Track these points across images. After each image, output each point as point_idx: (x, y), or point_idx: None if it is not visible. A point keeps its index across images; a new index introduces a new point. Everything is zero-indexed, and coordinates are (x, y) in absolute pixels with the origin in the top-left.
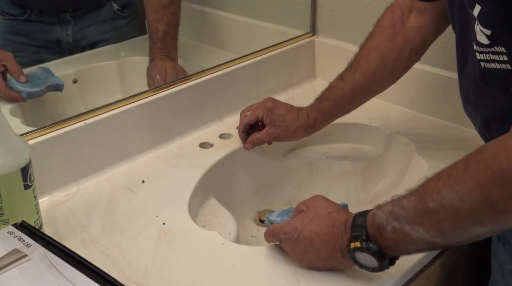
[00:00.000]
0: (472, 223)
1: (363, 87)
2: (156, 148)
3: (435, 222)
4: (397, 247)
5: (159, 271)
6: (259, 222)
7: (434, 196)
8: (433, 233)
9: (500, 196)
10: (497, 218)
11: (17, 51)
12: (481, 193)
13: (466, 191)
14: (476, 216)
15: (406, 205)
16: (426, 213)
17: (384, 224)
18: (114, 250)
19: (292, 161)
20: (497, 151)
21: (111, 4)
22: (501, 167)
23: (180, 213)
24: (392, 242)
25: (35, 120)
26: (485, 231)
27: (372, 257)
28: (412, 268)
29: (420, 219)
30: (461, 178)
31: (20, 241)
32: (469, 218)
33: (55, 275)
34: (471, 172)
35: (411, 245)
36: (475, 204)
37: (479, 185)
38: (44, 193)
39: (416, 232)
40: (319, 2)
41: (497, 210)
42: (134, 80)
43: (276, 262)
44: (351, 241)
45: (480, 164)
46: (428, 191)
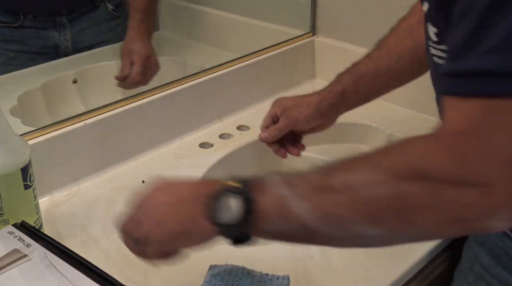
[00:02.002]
0: (367, 220)
1: (388, 67)
2: (156, 148)
3: (327, 202)
4: (266, 218)
5: (159, 271)
6: None
7: (341, 173)
8: (317, 215)
9: (411, 198)
10: (394, 224)
11: (11, 59)
12: (392, 187)
13: (377, 179)
14: (375, 213)
15: (308, 177)
16: (323, 189)
17: (271, 186)
18: (114, 250)
19: (292, 161)
20: (426, 149)
21: (106, 4)
22: (426, 168)
23: None
24: (266, 209)
25: (35, 120)
26: (373, 234)
27: (238, 204)
28: (412, 268)
29: (313, 194)
30: (379, 163)
31: (20, 241)
32: (368, 213)
33: (55, 275)
34: (391, 162)
35: (283, 223)
36: (381, 197)
37: (394, 177)
38: (44, 193)
39: (300, 208)
40: (319, 2)
41: (401, 215)
42: None
43: (276, 262)
44: (224, 182)
45: (404, 157)
46: (339, 167)
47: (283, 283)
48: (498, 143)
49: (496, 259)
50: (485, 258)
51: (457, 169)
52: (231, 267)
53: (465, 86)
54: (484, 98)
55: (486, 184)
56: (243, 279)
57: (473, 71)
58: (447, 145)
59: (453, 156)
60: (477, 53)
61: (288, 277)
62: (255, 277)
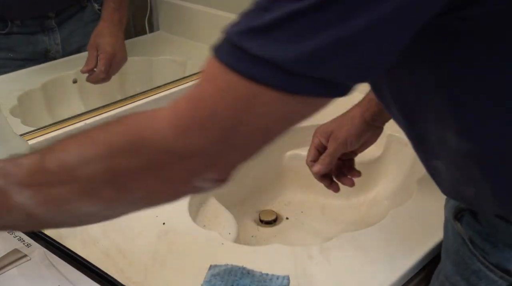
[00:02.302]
0: (86, 197)
1: None
2: None
3: (47, 185)
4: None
5: (159, 271)
6: (259, 222)
7: (57, 153)
8: (39, 200)
9: (125, 168)
10: (110, 196)
11: (0, 67)
12: (108, 160)
13: (93, 154)
14: (93, 188)
15: (24, 162)
16: (41, 173)
17: None
18: (114, 250)
19: (292, 161)
20: (144, 118)
21: (92, 4)
22: (142, 136)
23: (180, 213)
24: None
25: (35, 120)
26: (94, 210)
27: None
28: (412, 269)
29: (32, 179)
30: (94, 139)
31: (20, 241)
32: (86, 190)
33: (55, 275)
34: (107, 135)
35: (8, 214)
36: (97, 173)
37: (109, 150)
38: None
39: (21, 196)
40: None
41: (117, 185)
42: (134, 80)
43: (276, 262)
44: None
45: (119, 128)
46: (55, 148)
47: (283, 283)
48: (218, 118)
49: (456, 267)
50: (448, 267)
51: (170, 136)
52: (231, 267)
53: (220, 51)
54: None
55: (194, 152)
56: (243, 279)
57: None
58: (173, 109)
59: (171, 123)
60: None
61: (288, 277)
62: (255, 277)
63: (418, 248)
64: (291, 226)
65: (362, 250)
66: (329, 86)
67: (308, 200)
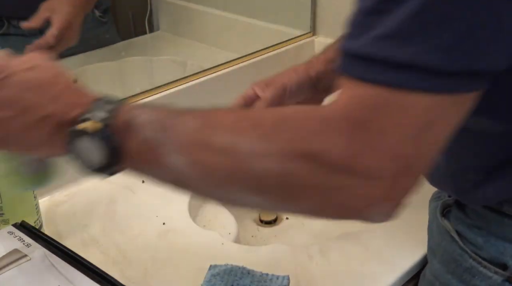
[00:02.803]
0: (246, 188)
1: None
2: None
3: (206, 162)
4: (135, 161)
5: (159, 271)
6: (259, 222)
7: (226, 136)
8: (194, 172)
9: (298, 178)
10: (276, 198)
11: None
12: (280, 163)
13: (267, 151)
14: (257, 184)
15: (185, 122)
16: (203, 146)
17: (140, 126)
18: (114, 250)
19: None
20: (319, 130)
21: (93, 10)
22: (317, 150)
23: (180, 213)
24: (135, 151)
25: None
26: (249, 200)
27: (101, 152)
28: (412, 269)
29: (192, 148)
30: (267, 136)
31: (20, 241)
32: (248, 182)
33: (55, 275)
34: (282, 134)
35: (156, 169)
36: (266, 170)
37: (283, 153)
38: (44, 193)
39: (174, 159)
40: (319, 2)
41: (283, 189)
42: (134, 80)
43: (276, 262)
44: (85, 120)
45: (296, 133)
46: (222, 125)
47: (283, 283)
48: (389, 138)
49: (446, 266)
50: (436, 266)
51: (347, 157)
52: (231, 267)
53: (358, 70)
54: (377, 87)
55: (373, 177)
56: (243, 279)
57: (367, 56)
58: (340, 130)
59: (345, 143)
60: (371, 36)
61: (288, 277)
62: (255, 277)
63: (418, 248)
64: (291, 226)
65: (362, 250)
66: (479, 78)
67: None
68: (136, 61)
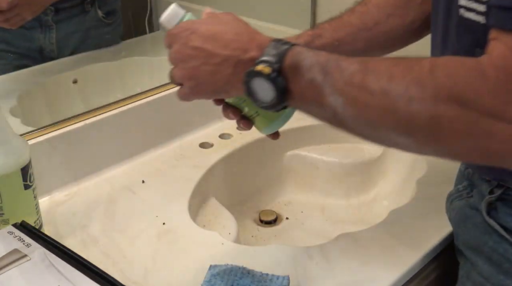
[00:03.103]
0: (398, 129)
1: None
2: (156, 148)
3: (361, 102)
4: (300, 99)
5: (159, 271)
6: (259, 222)
7: (381, 79)
8: (350, 112)
9: (448, 121)
10: (424, 140)
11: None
12: (432, 107)
13: (419, 96)
14: (408, 126)
15: (344, 66)
16: (359, 88)
17: (306, 68)
18: (114, 250)
19: (292, 161)
20: (469, 77)
21: (96, 10)
22: (466, 95)
23: (180, 213)
24: (301, 92)
25: (35, 120)
26: (402, 141)
27: (272, 91)
28: (411, 269)
29: (349, 90)
30: (422, 80)
31: (20, 241)
32: (401, 124)
33: (55, 275)
34: (434, 80)
35: (316, 107)
36: (417, 113)
37: (435, 98)
38: (44, 193)
39: (333, 99)
40: (319, 2)
41: (434, 133)
42: (134, 80)
43: (276, 262)
44: (258, 62)
45: (447, 79)
46: (377, 70)
47: (283, 283)
48: None
49: (497, 266)
50: (483, 267)
51: (497, 103)
52: (231, 267)
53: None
54: None
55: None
56: (243, 279)
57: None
58: (490, 78)
59: (494, 89)
60: None
61: (288, 277)
62: (255, 277)
63: (418, 248)
64: (291, 226)
65: (362, 250)
66: None
67: (308, 200)
68: (136, 61)
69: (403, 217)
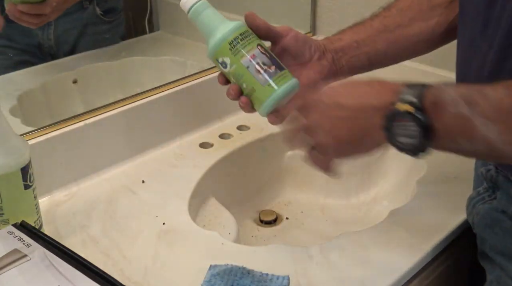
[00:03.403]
0: None
1: (397, 25)
2: (156, 148)
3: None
4: (446, 136)
5: (159, 271)
6: (259, 222)
7: None
8: (506, 139)
9: None
10: None
11: None
12: None
13: None
14: None
15: (489, 93)
16: (510, 112)
17: (448, 103)
18: (114, 250)
19: (292, 161)
20: None
21: (94, 7)
22: None
23: (180, 213)
24: (447, 128)
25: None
26: None
27: (416, 131)
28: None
29: (500, 116)
30: None
31: (20, 241)
32: None
33: (55, 275)
34: None
35: (467, 142)
36: None
37: None
38: (44, 193)
39: (485, 128)
40: (319, 2)
41: None
42: (134, 80)
43: (276, 262)
44: (398, 102)
45: None
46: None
47: (283, 283)
48: None
49: None
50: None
51: None
52: (231, 267)
53: None
54: None
55: None
56: (243, 279)
57: None
58: None
59: None
60: None
61: (288, 277)
62: (255, 277)
63: (418, 248)
64: (291, 226)
65: (362, 250)
66: None
67: (308, 200)
68: (136, 61)
69: (403, 217)
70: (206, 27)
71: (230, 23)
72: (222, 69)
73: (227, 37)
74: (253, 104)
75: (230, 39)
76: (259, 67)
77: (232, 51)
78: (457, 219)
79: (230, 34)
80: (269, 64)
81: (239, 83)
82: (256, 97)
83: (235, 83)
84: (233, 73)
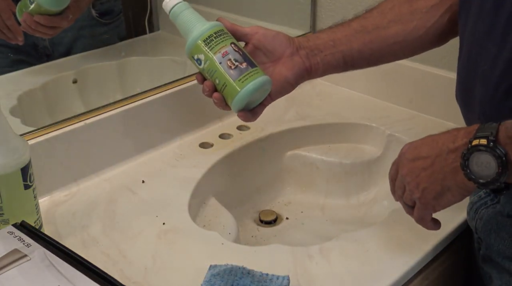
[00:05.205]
0: None
1: (376, 25)
2: (156, 148)
3: None
4: None
5: (159, 271)
6: (259, 222)
7: None
8: None
9: None
10: None
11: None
12: None
13: None
14: None
15: None
16: None
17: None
18: (114, 250)
19: (292, 161)
20: None
21: (90, 10)
22: None
23: (180, 213)
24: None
25: (35, 120)
26: None
27: (493, 163)
28: (411, 268)
29: None
30: None
31: (20, 241)
32: None
33: (55, 275)
34: None
35: None
36: None
37: None
38: (44, 193)
39: None
40: (319, 2)
41: None
42: (134, 80)
43: (276, 262)
44: (473, 139)
45: None
46: None
47: (283, 283)
48: None
49: None
50: None
51: None
52: (231, 267)
53: None
54: None
55: None
56: (243, 279)
57: None
58: None
59: None
60: None
61: (288, 277)
62: (255, 277)
63: (418, 248)
64: (291, 226)
65: (362, 250)
66: None
67: (308, 200)
68: (136, 61)
69: (403, 217)
70: (184, 27)
71: (207, 22)
72: (198, 66)
73: (202, 35)
74: (226, 100)
75: (205, 37)
76: (230, 63)
77: (206, 48)
78: (457, 219)
79: (205, 32)
80: (241, 61)
81: (212, 79)
82: (227, 92)
83: (209, 80)
84: (207, 69)
